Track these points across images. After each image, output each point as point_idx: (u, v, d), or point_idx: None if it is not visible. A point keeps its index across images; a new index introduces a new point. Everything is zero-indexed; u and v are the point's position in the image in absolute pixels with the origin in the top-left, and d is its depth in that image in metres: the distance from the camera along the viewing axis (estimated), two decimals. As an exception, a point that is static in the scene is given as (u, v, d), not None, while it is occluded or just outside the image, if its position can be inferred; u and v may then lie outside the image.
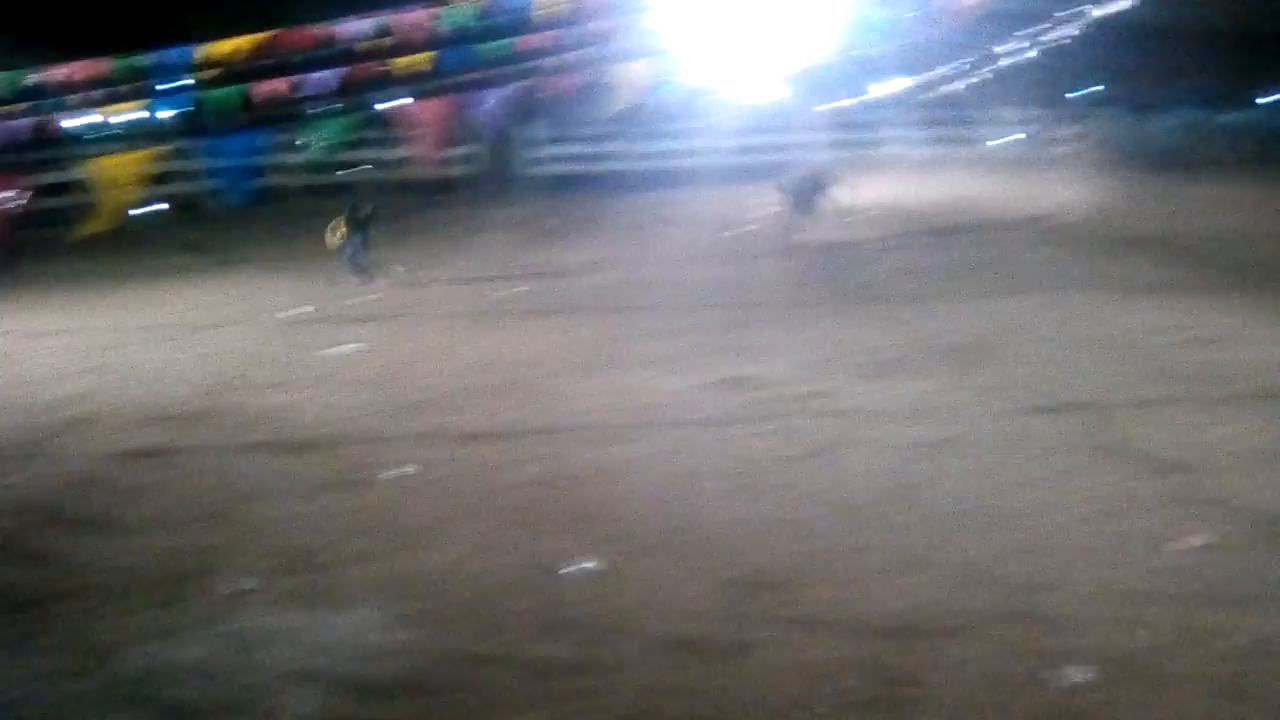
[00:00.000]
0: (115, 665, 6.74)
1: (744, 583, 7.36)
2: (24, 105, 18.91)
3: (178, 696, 6.37)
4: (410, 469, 9.76)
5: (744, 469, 9.45)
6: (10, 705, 6.34)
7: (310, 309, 16.68)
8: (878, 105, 35.79)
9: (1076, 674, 6.06)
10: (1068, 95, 39.17)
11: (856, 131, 33.71)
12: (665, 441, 10.24)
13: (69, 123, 20.15)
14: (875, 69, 32.87)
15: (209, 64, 19.72)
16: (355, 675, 6.49)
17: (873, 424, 10.48)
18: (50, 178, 23.89)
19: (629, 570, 7.65)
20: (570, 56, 20.67)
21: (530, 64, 20.87)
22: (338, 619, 7.16)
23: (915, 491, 8.81)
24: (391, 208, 26.80)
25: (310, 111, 23.62)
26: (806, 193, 21.59)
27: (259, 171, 10.60)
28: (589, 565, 7.69)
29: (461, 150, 29.24)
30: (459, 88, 19.01)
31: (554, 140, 31.04)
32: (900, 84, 36.53)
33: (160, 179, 23.62)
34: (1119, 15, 29.98)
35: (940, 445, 9.82)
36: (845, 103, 35.90)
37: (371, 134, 26.76)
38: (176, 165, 24.65)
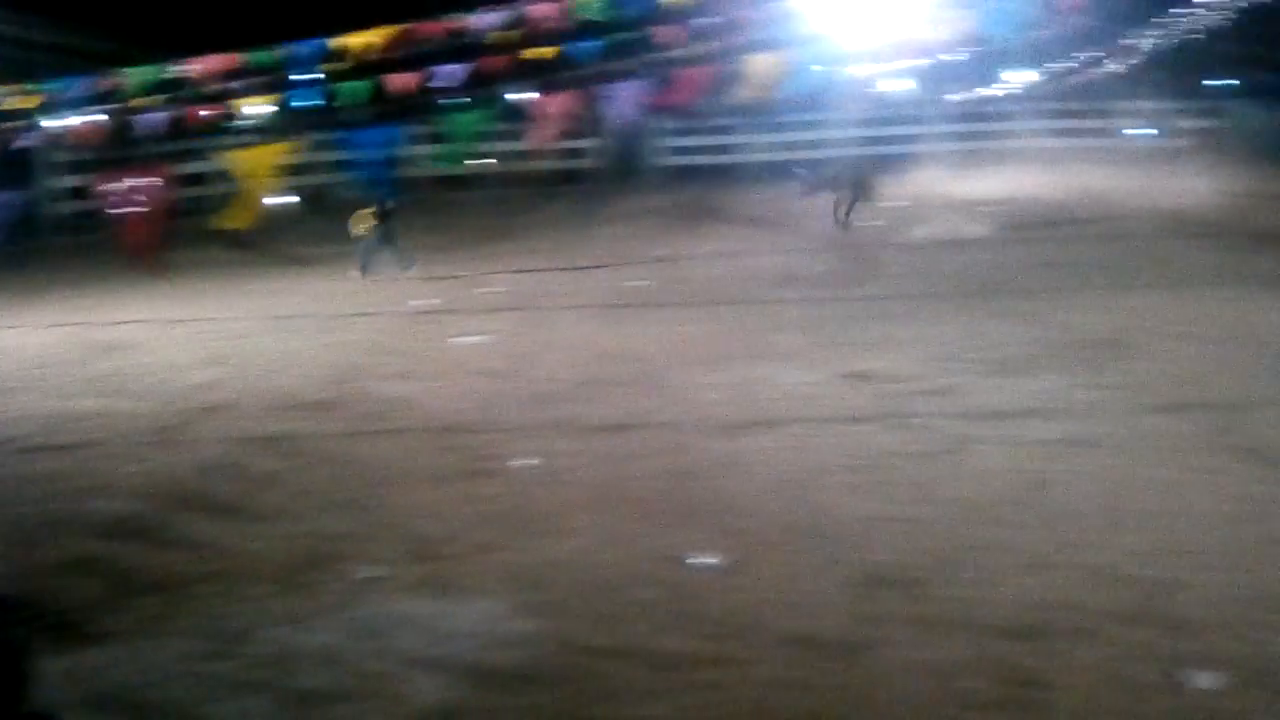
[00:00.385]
0: (246, 650, 6.87)
1: (868, 580, 7.31)
2: (163, 98, 19.33)
3: (307, 682, 6.48)
4: (536, 460, 9.82)
5: (868, 465, 9.38)
6: (145, 688, 6.49)
7: (438, 300, 16.85)
8: (1008, 96, 35.27)
9: (1209, 679, 5.93)
10: (1204, 85, 38.28)
11: (985, 123, 33.26)
12: (789, 436, 10.19)
13: (206, 114, 20.52)
14: (1007, 59, 32.40)
15: (341, 57, 20.01)
16: (479, 664, 6.55)
17: (1000, 421, 10.33)
18: (189, 169, 24.38)
19: (752, 565, 7.62)
20: (699, 47, 20.65)
21: (659, 55, 20.89)
22: (463, 608, 7.23)
23: (1043, 490, 8.68)
24: (515, 199, 27.16)
25: (442, 104, 23.90)
26: (854, 185, 21.37)
27: (394, 164, 10.73)
28: (712, 559, 7.68)
29: (588, 142, 29.40)
30: (588, 80, 19.09)
31: (681, 131, 31.03)
32: (1031, 75, 35.98)
33: (294, 171, 24.07)
34: (1264, 3, 29.22)
35: (1069, 443, 9.66)
36: (975, 93, 35.44)
37: (502, 127, 26.97)
38: (309, 157, 25.13)
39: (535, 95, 20.85)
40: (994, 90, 35.95)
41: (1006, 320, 14.07)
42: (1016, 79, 36.18)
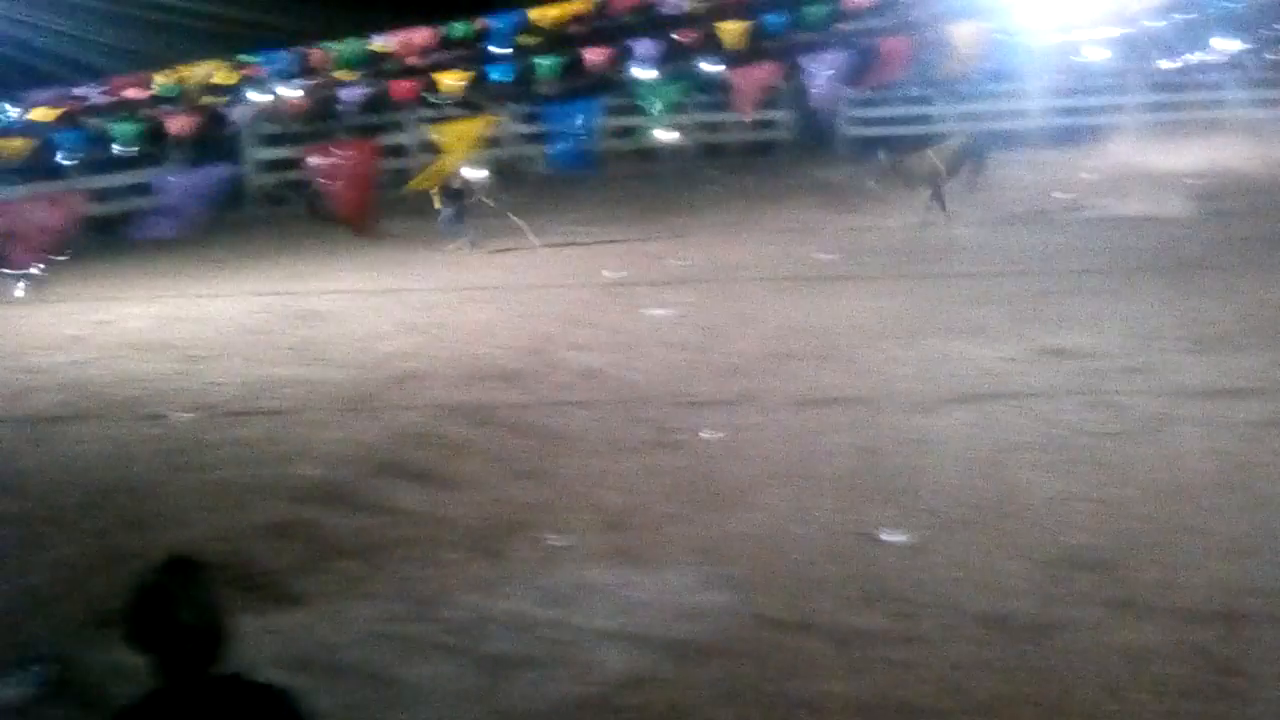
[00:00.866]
0: (440, 614, 7.03)
1: (1060, 561, 7.17)
2: (364, 72, 19.71)
3: (495, 647, 6.60)
4: (724, 432, 9.84)
5: (1062, 443, 9.18)
6: (341, 649, 6.68)
7: (628, 272, 16.92)
8: (1214, 65, 34.01)
9: None
10: None
11: (1188, 93, 32.17)
12: (981, 413, 10.03)
13: (406, 88, 20.88)
14: (1214, 26, 31.22)
15: (537, 30, 20.19)
16: (664, 635, 6.60)
17: (1199, 401, 10.02)
18: (391, 140, 24.83)
19: (942, 543, 7.54)
20: (896, 18, 20.33)
21: (856, 25, 20.63)
22: (650, 578, 7.29)
23: (1244, 473, 8.40)
24: (704, 171, 27.11)
25: (637, 77, 23.98)
26: (961, 163, 20.69)
27: (592, 136, 10.79)
28: (901, 536, 7.61)
29: (779, 114, 29.20)
30: (783, 52, 18.96)
31: (870, 102, 30.62)
32: (1239, 43, 34.65)
33: (492, 144, 24.47)
34: None
35: (1271, 425, 9.34)
36: (1179, 62, 34.26)
37: (696, 99, 26.97)
38: (507, 130, 25.42)
39: (728, 68, 20.73)
40: (1199, 58, 34.68)
41: (1206, 297, 13.61)
42: (1224, 47, 34.85)
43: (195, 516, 8.77)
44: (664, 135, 27.51)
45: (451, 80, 22.02)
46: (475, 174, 19.18)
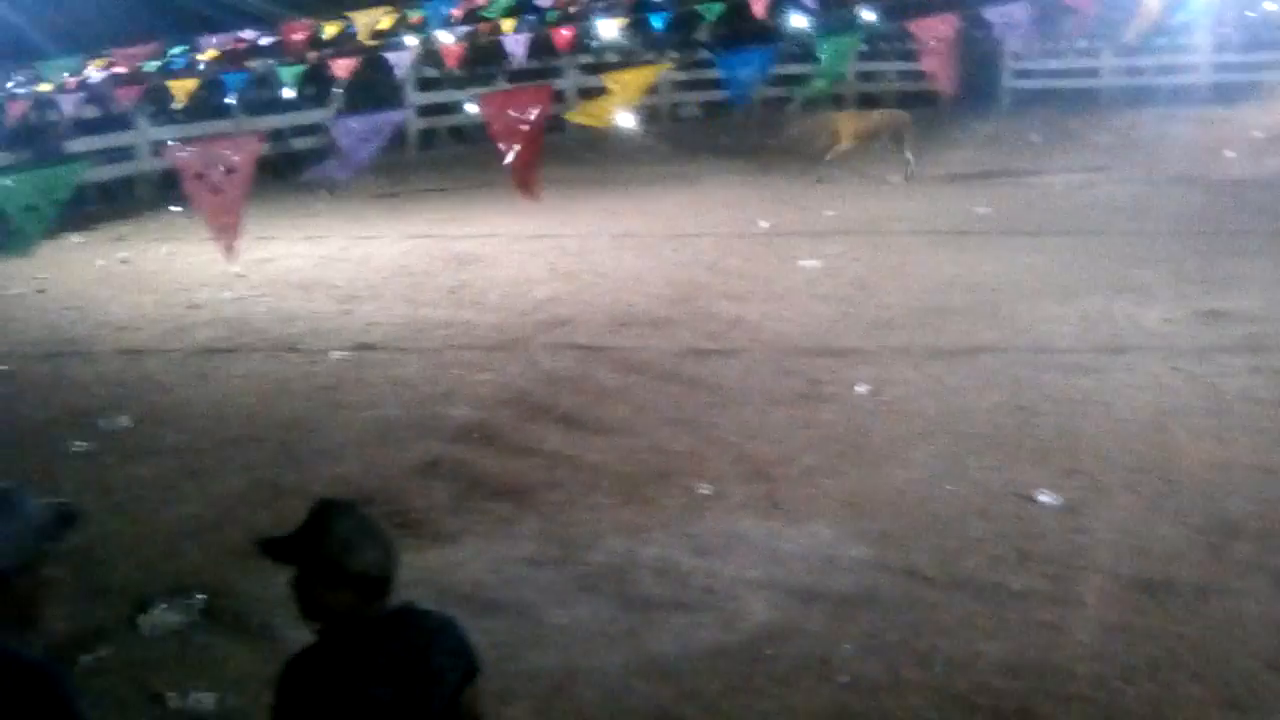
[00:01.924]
0: (584, 556, 7.10)
1: (1216, 529, 7.01)
2: (524, 19, 19.77)
3: (642, 592, 6.65)
4: (871, 386, 9.76)
5: (1225, 409, 8.95)
6: (492, 587, 6.78)
7: (780, 222, 16.80)
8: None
9: None
10: None
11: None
12: (1136, 374, 9.81)
13: (563, 35, 20.93)
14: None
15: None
16: (811, 586, 6.59)
17: (1372, 368, 9.70)
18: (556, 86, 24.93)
19: (1094, 506, 7.41)
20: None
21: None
22: (796, 530, 7.28)
23: None
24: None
25: (802, 27, 23.74)
26: (877, 136, 20.19)
27: (765, 83, 10.55)
28: (1056, 498, 7.49)
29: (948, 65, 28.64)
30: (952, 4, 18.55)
31: (1045, 54, 29.85)
32: None
33: (654, 91, 24.58)
34: None
35: None
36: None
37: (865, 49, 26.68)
38: (669, 78, 25.33)
39: (904, 18, 20.28)
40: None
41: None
42: None
43: (350, 453, 8.95)
44: (819, 85, 27.18)
45: (610, 28, 22.03)
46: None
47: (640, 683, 5.78)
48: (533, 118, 7.85)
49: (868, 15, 22.60)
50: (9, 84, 17.51)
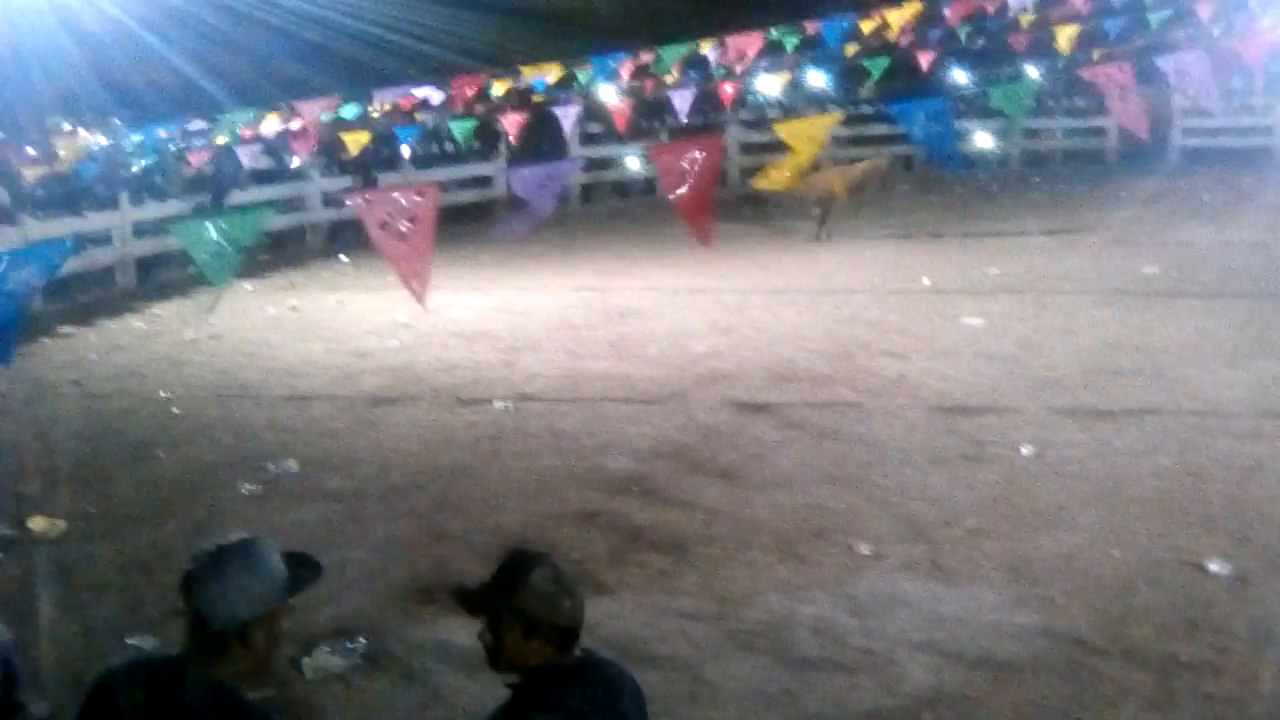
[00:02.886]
0: (741, 613, 7.07)
1: (1402, 604, 6.75)
2: (688, 76, 19.94)
3: (799, 651, 6.60)
4: (1034, 448, 9.59)
5: None
6: (649, 641, 6.78)
7: (943, 279, 16.64)
8: None
9: None
10: None
11: None
12: (1316, 442, 9.52)
13: (726, 91, 21.05)
14: None
15: (861, 37, 20.08)
16: (972, 651, 6.48)
17: None
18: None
19: (1266, 576, 7.19)
20: (1256, 17, 19.17)
21: (1205, 27, 19.67)
22: (958, 593, 7.17)
23: None
24: (1029, 179, 26.47)
25: (963, 81, 23.57)
26: (865, 188, 19.79)
27: (950, 136, 10.50)
28: (1221, 566, 7.28)
29: (1108, 120, 28.15)
30: (1124, 55, 18.23)
31: (1208, 110, 29.14)
32: None
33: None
34: None
35: None
36: None
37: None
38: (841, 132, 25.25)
39: (1080, 69, 19.98)
40: None
41: None
42: None
43: (510, 502, 9.04)
44: (982, 141, 26.94)
45: (773, 84, 22.12)
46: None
47: (797, 743, 5.74)
48: (704, 167, 7.92)
49: (1032, 71, 22.35)
50: (191, 135, 18.15)
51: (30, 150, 16.84)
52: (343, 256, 20.43)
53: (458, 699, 6.16)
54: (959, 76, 26.00)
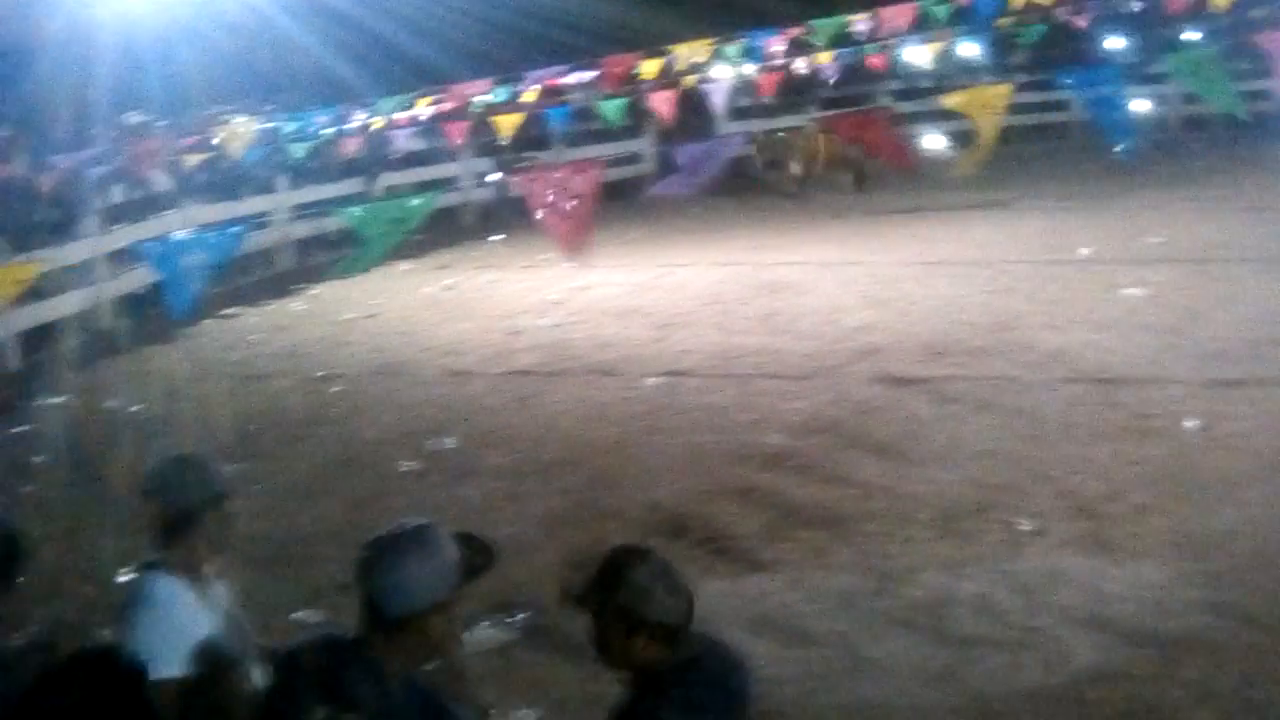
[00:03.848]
0: (900, 590, 7.01)
1: None
2: (838, 50, 19.69)
3: (960, 629, 6.53)
4: (1199, 421, 9.34)
5: None
6: (805, 617, 6.76)
7: (1092, 250, 16.24)
8: None
9: None
10: None
11: None
12: None
13: (875, 61, 20.79)
14: None
15: (1012, 9, 19.65)
16: (1138, 629, 6.36)
17: None
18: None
19: None
20: None
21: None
22: (1123, 570, 7.03)
23: None
24: (1187, 145, 25.73)
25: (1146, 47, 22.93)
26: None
27: (1123, 105, 10.20)
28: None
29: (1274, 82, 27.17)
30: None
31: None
32: None
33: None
34: None
35: None
36: None
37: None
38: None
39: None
40: None
41: None
42: None
43: (665, 478, 9.07)
44: (1138, 106, 26.17)
45: (923, 53, 21.77)
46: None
47: (957, 722, 5.68)
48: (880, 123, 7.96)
49: (1191, 34, 21.67)
50: (350, 120, 18.45)
51: (188, 139, 17.25)
52: (495, 236, 20.64)
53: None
54: (1116, 43, 25.36)
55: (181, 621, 3.81)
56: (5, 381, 12.83)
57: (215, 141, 17.31)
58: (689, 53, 18.60)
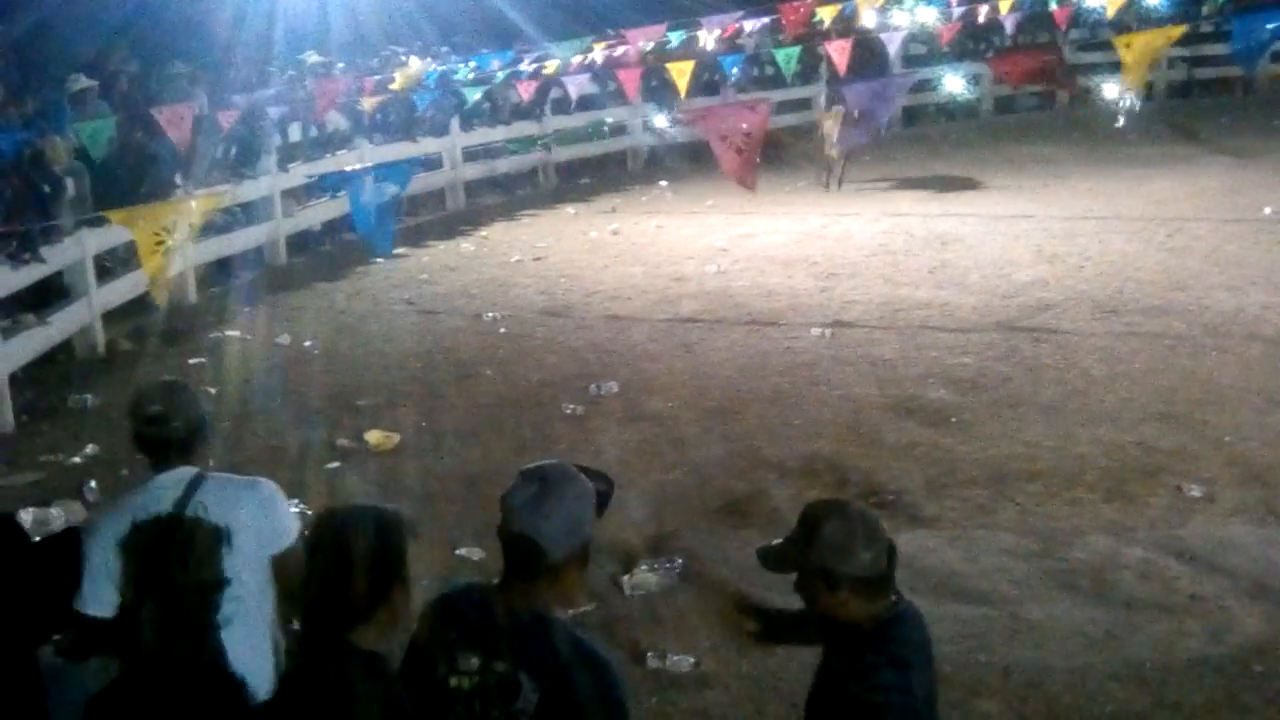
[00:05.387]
0: (1064, 552, 6.91)
1: None
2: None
3: (1123, 593, 6.43)
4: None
5: None
6: (967, 576, 6.69)
7: (1277, 208, 15.66)
8: None
9: None
10: None
11: None
12: None
13: (1062, 11, 20.30)
14: None
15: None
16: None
17: None
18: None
19: None
20: None
21: None
22: (1293, 541, 6.84)
23: None
24: None
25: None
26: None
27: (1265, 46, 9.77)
28: None
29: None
30: None
31: None
32: None
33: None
34: None
35: None
36: None
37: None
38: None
39: None
40: None
41: None
42: None
43: (826, 430, 9.04)
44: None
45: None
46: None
47: (1117, 687, 5.60)
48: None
49: None
50: (522, 64, 18.57)
51: (368, 79, 17.51)
52: (662, 181, 20.65)
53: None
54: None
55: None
56: (184, 313, 13.21)
57: (392, 86, 17.54)
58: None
